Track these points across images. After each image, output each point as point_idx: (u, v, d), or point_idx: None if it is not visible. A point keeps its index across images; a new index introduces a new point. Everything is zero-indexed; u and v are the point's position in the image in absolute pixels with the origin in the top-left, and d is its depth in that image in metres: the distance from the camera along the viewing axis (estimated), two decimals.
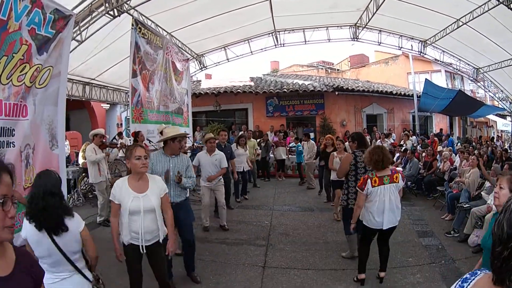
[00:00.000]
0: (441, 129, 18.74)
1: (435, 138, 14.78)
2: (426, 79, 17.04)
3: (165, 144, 4.60)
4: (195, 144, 11.68)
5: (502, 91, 15.99)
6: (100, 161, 7.42)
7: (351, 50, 32.57)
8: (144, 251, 3.44)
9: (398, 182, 4.34)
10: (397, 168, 7.32)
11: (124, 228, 3.38)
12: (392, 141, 14.37)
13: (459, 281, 1.25)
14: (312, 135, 14.58)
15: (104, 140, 7.92)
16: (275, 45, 14.53)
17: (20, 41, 4.47)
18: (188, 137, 11.54)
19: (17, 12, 4.28)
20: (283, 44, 14.52)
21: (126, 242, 3.43)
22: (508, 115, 19.57)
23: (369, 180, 4.24)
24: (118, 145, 9.91)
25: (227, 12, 10.75)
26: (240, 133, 12.30)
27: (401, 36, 14.11)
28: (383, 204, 4.24)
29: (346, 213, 5.17)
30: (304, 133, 12.53)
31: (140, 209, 3.33)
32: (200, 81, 20.77)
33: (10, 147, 4.64)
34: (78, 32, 7.84)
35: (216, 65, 15.24)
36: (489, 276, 1.15)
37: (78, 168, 9.50)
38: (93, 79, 11.71)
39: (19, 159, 4.93)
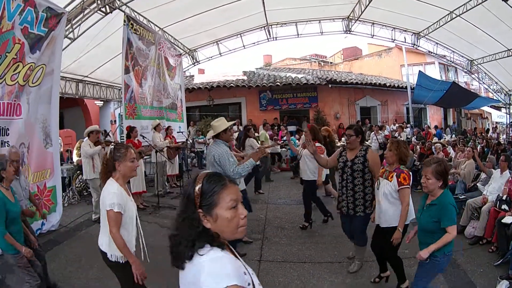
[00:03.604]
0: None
1: (430, 130, 14.87)
2: (419, 71, 17.15)
3: (217, 137, 4.52)
4: (189, 140, 11.65)
5: (496, 82, 16.06)
6: (95, 156, 7.41)
7: (344, 43, 32.72)
8: (149, 260, 3.18)
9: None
10: None
11: (130, 240, 2.95)
12: (387, 133, 14.41)
13: None
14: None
15: (99, 137, 7.89)
16: (268, 39, 14.49)
17: (13, 40, 4.47)
18: (182, 132, 11.57)
19: (10, 11, 4.27)
20: (276, 37, 14.49)
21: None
22: (503, 107, 19.67)
23: (411, 173, 3.98)
24: (113, 143, 9.92)
25: (219, 6, 10.71)
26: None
27: (394, 28, 14.14)
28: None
29: (363, 222, 4.48)
30: (297, 129, 12.49)
31: (136, 215, 3.04)
32: (193, 76, 20.73)
33: (5, 146, 4.65)
34: (71, 29, 7.82)
35: (209, 60, 15.20)
36: None
37: (72, 166, 9.48)
38: (86, 77, 11.66)
39: None
